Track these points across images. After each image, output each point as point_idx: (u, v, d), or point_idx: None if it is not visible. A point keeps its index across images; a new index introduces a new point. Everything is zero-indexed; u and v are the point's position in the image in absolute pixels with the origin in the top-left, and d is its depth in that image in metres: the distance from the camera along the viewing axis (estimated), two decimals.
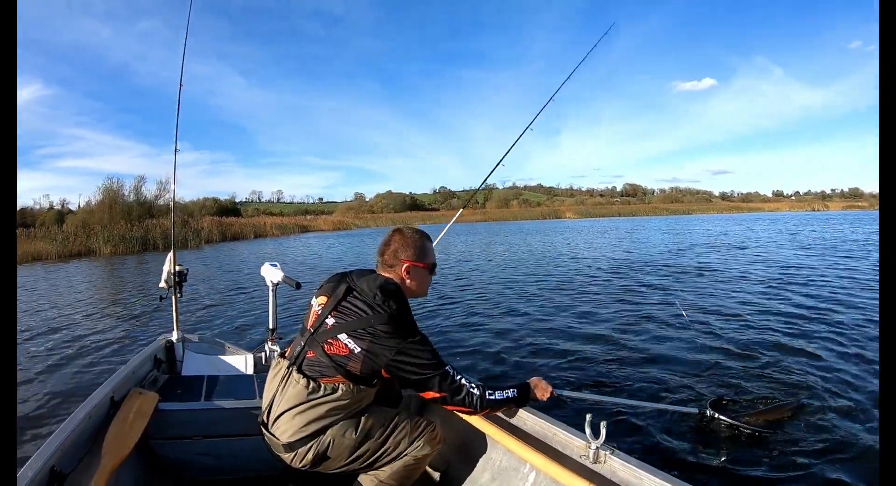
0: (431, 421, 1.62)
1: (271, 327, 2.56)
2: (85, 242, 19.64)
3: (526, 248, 16.34)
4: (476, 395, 1.50)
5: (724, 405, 2.70)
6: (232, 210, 59.15)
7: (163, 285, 2.55)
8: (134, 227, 22.01)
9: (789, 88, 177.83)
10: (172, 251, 2.55)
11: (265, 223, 33.72)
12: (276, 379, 1.49)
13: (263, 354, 2.53)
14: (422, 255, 1.59)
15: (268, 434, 1.48)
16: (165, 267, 2.55)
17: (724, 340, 4.37)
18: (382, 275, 1.57)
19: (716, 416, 2.42)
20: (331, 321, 1.46)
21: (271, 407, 1.47)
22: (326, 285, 1.56)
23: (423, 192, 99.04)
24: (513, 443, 1.52)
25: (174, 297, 2.56)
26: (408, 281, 1.57)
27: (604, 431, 1.36)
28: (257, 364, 2.50)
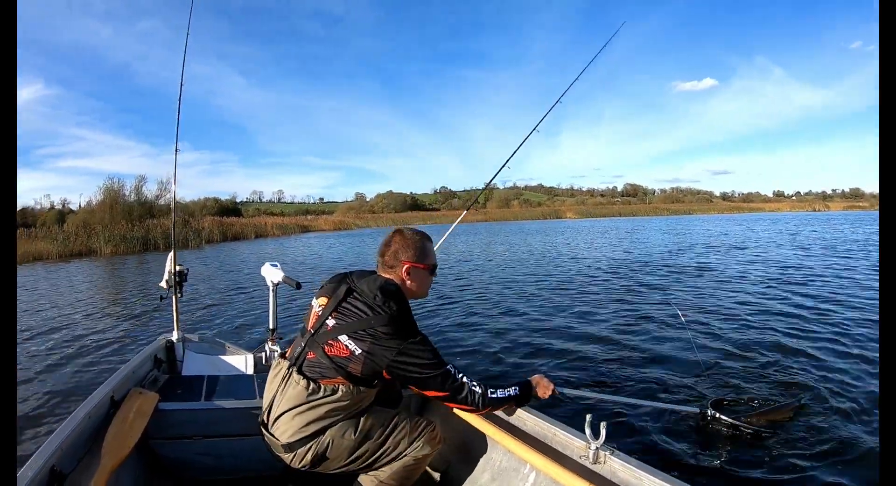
0: (431, 421, 1.62)
1: (271, 327, 2.56)
2: (86, 242, 19.68)
3: (526, 248, 16.33)
4: (478, 393, 1.50)
5: (724, 405, 2.69)
6: (233, 210, 59.22)
7: (163, 285, 2.56)
8: (135, 227, 22.03)
9: (790, 88, 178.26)
10: (173, 251, 2.55)
11: (266, 223, 33.76)
12: (276, 380, 1.49)
13: (264, 354, 2.53)
14: (422, 256, 1.59)
15: (267, 435, 1.48)
16: (167, 267, 2.55)
17: (724, 340, 4.37)
18: (383, 276, 1.56)
19: (716, 416, 2.42)
20: (331, 322, 1.46)
21: (271, 408, 1.47)
22: (327, 286, 1.56)
23: (424, 192, 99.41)
24: (513, 443, 1.52)
25: (174, 297, 2.57)
26: (408, 282, 1.57)
27: (604, 431, 1.36)
28: (257, 364, 2.50)
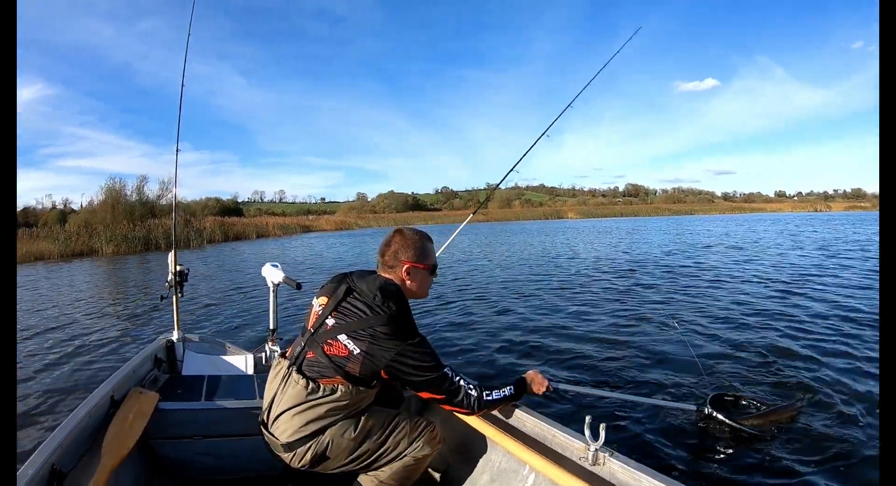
0: (431, 422, 1.62)
1: (272, 327, 2.56)
2: (87, 241, 19.70)
3: (526, 248, 16.32)
4: (474, 396, 1.50)
5: (724, 402, 2.67)
6: (234, 210, 59.30)
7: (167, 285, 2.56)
8: (136, 227, 22.05)
9: (791, 88, 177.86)
10: (174, 251, 2.56)
11: (267, 223, 33.77)
12: (276, 379, 1.49)
13: (264, 354, 2.53)
14: (422, 256, 1.58)
15: (267, 434, 1.48)
16: (170, 267, 2.56)
17: (724, 341, 4.36)
18: (383, 276, 1.56)
19: (714, 415, 2.41)
20: (331, 322, 1.46)
21: (271, 407, 1.47)
22: (327, 286, 1.56)
23: (426, 192, 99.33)
24: (512, 445, 1.51)
25: (175, 296, 2.57)
26: (408, 282, 1.57)
27: (603, 433, 1.36)
28: (258, 364, 2.51)
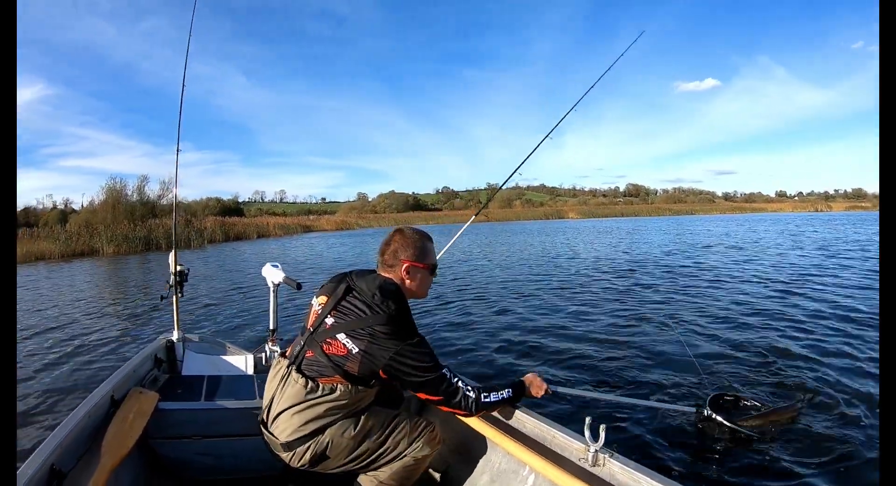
0: (431, 422, 1.61)
1: (272, 327, 2.56)
2: (88, 241, 19.71)
3: (527, 248, 16.31)
4: (471, 398, 1.50)
5: (723, 403, 2.67)
6: (235, 210, 59.27)
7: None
8: (137, 227, 22.09)
9: (792, 88, 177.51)
10: (174, 251, 2.56)
11: (268, 223, 33.80)
12: (275, 378, 1.49)
13: (264, 354, 2.53)
14: (422, 255, 1.58)
15: (267, 433, 1.48)
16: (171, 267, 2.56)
17: (724, 341, 4.35)
18: (382, 275, 1.56)
19: (713, 416, 2.40)
20: (330, 321, 1.46)
21: (271, 406, 1.47)
22: (327, 285, 1.56)
23: (426, 192, 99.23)
24: (512, 445, 1.51)
25: (175, 296, 2.57)
26: (407, 281, 1.56)
27: (603, 434, 1.36)
28: (258, 365, 2.51)
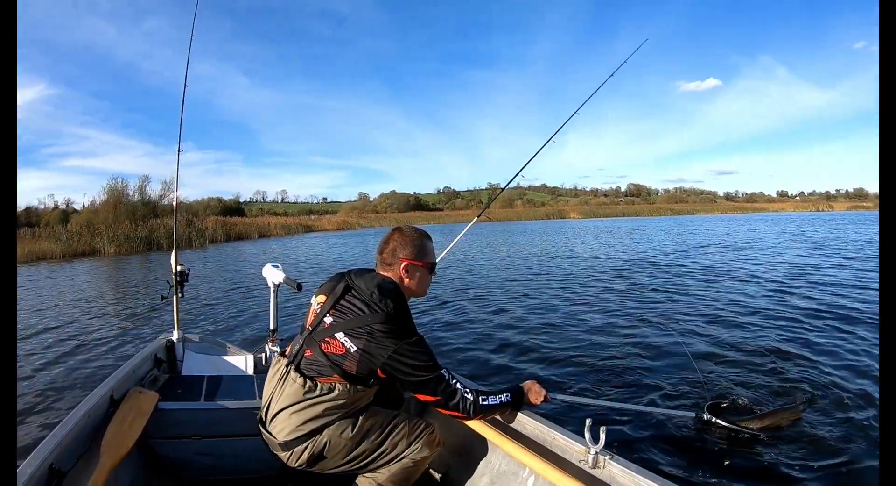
0: (430, 423, 1.61)
1: (272, 327, 2.56)
2: (89, 241, 19.73)
3: (527, 248, 16.29)
4: (469, 400, 1.48)
5: (721, 408, 2.67)
6: (236, 210, 59.35)
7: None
8: (138, 227, 22.11)
9: (794, 88, 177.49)
10: (174, 251, 2.56)
11: (269, 223, 33.82)
12: (274, 378, 1.49)
13: (264, 354, 2.53)
14: (421, 254, 1.58)
15: (265, 433, 1.47)
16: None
17: (723, 343, 4.34)
18: (381, 274, 1.56)
19: (713, 420, 2.40)
20: (329, 320, 1.46)
21: (269, 405, 1.47)
22: (326, 284, 1.56)
23: (428, 192, 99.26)
24: (512, 447, 1.51)
25: (175, 296, 2.57)
26: (406, 280, 1.56)
27: (603, 436, 1.35)
28: (257, 365, 2.51)
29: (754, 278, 8.01)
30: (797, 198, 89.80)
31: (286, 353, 1.54)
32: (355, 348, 1.40)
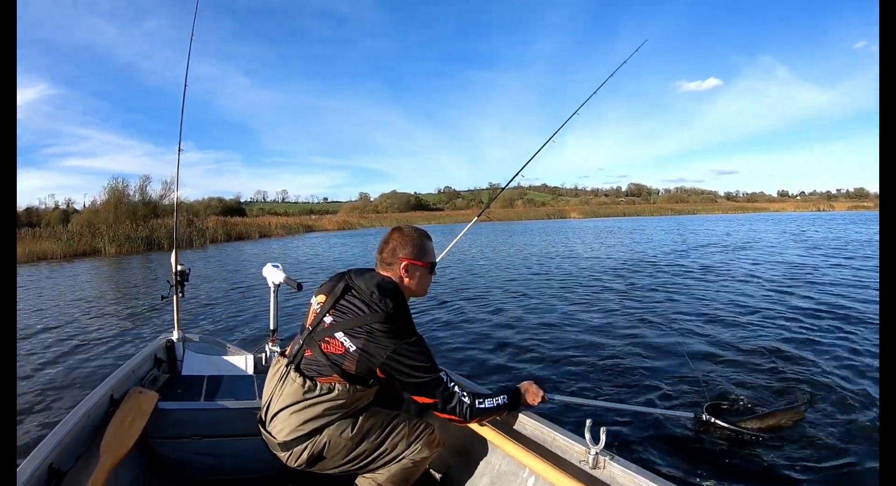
0: (430, 424, 1.60)
1: (272, 327, 2.56)
2: (90, 241, 19.71)
3: (527, 248, 16.28)
4: (466, 404, 1.48)
5: (721, 409, 2.67)
6: (237, 210, 59.40)
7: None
8: (139, 227, 22.08)
9: (794, 88, 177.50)
10: (175, 251, 2.56)
11: (270, 223, 33.81)
12: (274, 378, 1.49)
13: (264, 354, 2.53)
14: (421, 253, 1.57)
15: (265, 432, 1.47)
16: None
17: (723, 343, 4.33)
18: (381, 273, 1.56)
19: (712, 421, 2.40)
20: (328, 320, 1.45)
21: (269, 405, 1.47)
22: (326, 284, 1.56)
23: (428, 192, 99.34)
24: (512, 448, 1.51)
25: (175, 296, 2.57)
26: (406, 280, 1.56)
27: (603, 436, 1.35)
28: (258, 365, 2.51)
29: (754, 277, 8.00)
30: (798, 198, 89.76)
31: (286, 353, 1.54)
32: (355, 348, 1.40)
